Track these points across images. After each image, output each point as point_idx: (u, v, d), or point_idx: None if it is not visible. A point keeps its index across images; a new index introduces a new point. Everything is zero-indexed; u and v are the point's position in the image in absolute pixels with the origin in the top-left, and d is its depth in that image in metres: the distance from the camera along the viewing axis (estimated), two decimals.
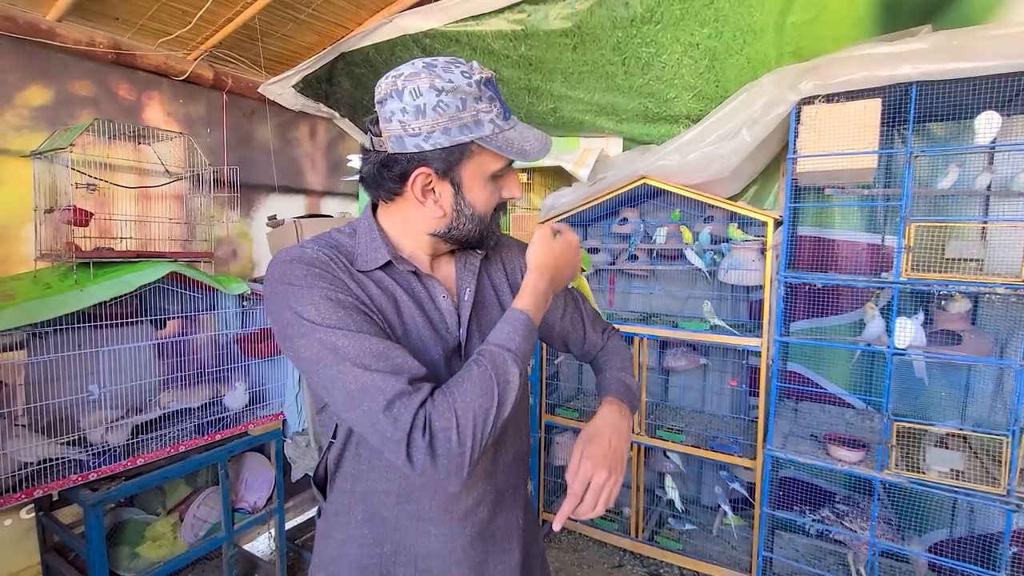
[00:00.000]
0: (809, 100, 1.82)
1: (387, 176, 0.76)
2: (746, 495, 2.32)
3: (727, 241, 2.26)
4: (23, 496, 1.49)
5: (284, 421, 2.21)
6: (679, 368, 2.59)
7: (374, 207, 0.84)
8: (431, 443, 0.63)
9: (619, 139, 2.60)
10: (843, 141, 1.77)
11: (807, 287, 2.18)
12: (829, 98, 1.80)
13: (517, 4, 2.00)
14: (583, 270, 1.36)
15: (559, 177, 2.85)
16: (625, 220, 2.67)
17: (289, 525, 2.58)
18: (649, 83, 2.21)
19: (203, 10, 1.88)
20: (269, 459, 2.18)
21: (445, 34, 2.13)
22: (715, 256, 2.33)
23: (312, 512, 2.88)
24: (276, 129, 2.65)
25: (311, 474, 2.23)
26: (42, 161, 1.71)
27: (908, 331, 1.74)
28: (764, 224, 2.12)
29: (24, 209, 1.80)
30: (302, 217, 2.52)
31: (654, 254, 2.64)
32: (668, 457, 2.58)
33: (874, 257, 2.19)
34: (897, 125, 2.06)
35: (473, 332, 0.84)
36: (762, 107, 1.93)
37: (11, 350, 1.61)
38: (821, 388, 2.36)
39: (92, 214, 1.73)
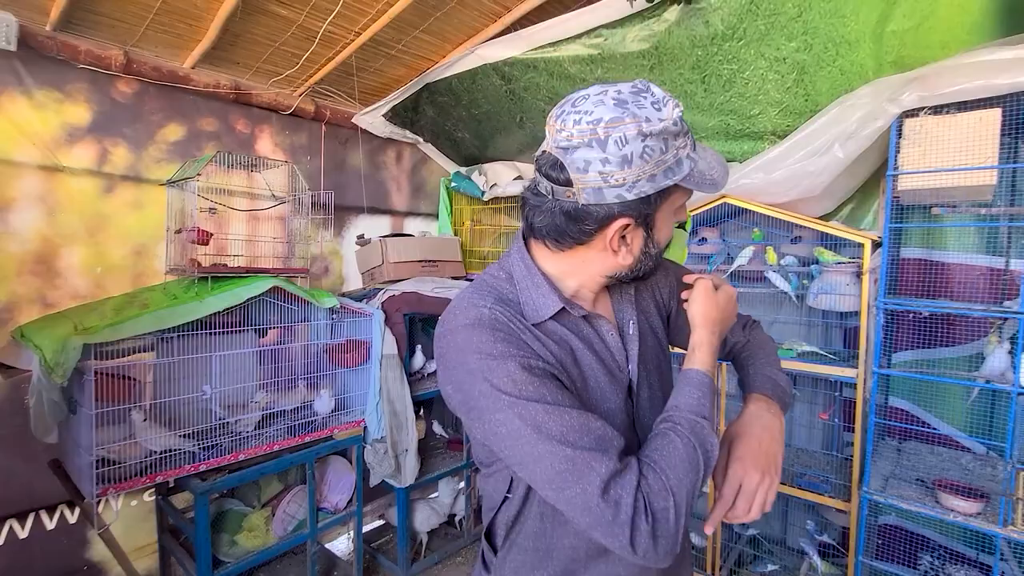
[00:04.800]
0: (912, 112, 1.68)
1: (575, 228, 0.71)
2: (835, 544, 2.12)
3: (817, 263, 2.12)
4: (147, 480, 1.70)
5: (365, 428, 2.35)
6: None
7: (526, 243, 0.79)
8: (654, 527, 0.60)
9: None
10: (954, 156, 1.62)
11: (912, 315, 1.98)
12: (936, 110, 1.66)
13: (594, 29, 2.03)
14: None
15: None
16: (704, 240, 2.58)
17: (366, 528, 2.71)
18: (731, 100, 2.14)
19: (309, 52, 2.10)
20: (350, 463, 2.32)
21: (523, 61, 2.21)
22: (803, 280, 2.19)
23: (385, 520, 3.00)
24: (367, 155, 2.87)
25: (388, 480, 2.32)
26: (174, 188, 1.98)
27: None
28: (860, 246, 1.96)
29: (159, 230, 2.08)
30: (387, 236, 2.70)
31: (736, 275, 2.52)
32: None
33: (996, 283, 1.95)
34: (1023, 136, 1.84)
35: (640, 365, 0.81)
36: (858, 121, 1.81)
37: (143, 352, 1.87)
38: (931, 427, 2.11)
39: (212, 234, 1.97)
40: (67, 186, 1.91)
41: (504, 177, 2.85)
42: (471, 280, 3.12)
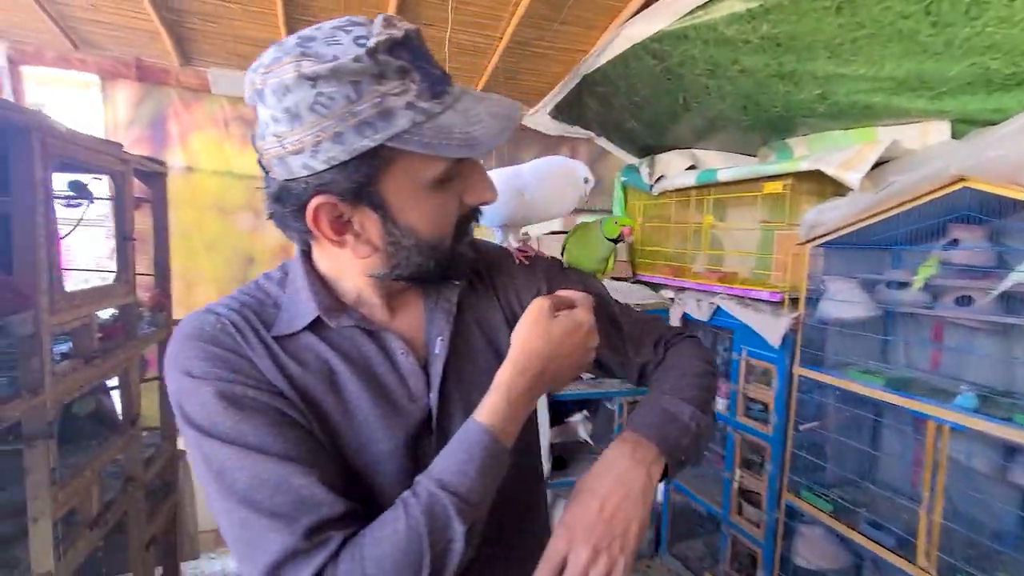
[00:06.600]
0: None
1: (283, 214, 0.57)
2: None
3: None
4: None
5: None
6: None
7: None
8: None
9: (944, 123, 1.74)
10: None
11: None
12: None
13: None
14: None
15: (835, 184, 2.10)
16: (955, 243, 1.77)
17: None
18: (984, 32, 1.41)
19: (445, 62, 2.30)
20: None
21: (672, 33, 1.92)
22: None
23: None
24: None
25: None
26: None
27: None
28: None
29: None
30: (547, 233, 2.74)
31: (1004, 298, 1.66)
32: None
33: None
34: None
35: (452, 394, 0.63)
36: None
37: None
38: None
39: None
40: None
41: (674, 167, 2.52)
42: (638, 282, 2.85)
